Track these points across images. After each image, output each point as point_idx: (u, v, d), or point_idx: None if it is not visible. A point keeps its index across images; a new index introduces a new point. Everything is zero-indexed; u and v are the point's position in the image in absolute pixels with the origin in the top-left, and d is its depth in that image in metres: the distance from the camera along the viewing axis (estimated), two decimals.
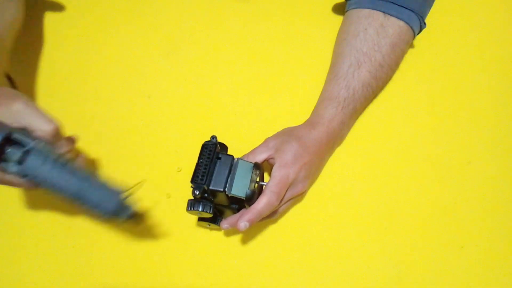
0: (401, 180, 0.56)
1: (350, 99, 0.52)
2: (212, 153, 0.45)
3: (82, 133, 0.58)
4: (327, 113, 0.52)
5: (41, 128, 0.39)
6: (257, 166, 0.47)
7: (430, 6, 0.56)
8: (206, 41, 0.63)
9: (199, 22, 0.64)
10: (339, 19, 0.60)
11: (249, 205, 0.46)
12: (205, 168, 0.44)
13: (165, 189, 0.55)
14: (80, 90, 0.60)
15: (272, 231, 0.54)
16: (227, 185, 0.45)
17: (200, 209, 0.45)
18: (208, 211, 0.46)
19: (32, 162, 0.37)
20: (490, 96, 0.60)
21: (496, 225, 0.54)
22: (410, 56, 0.61)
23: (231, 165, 0.46)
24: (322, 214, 0.54)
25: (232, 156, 0.46)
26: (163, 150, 0.57)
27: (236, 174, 0.45)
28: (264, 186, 0.47)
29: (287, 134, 0.51)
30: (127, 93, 0.60)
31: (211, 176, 0.45)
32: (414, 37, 0.56)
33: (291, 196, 0.48)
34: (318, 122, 0.52)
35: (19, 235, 0.54)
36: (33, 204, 0.55)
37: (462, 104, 0.59)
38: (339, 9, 0.63)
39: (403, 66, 0.60)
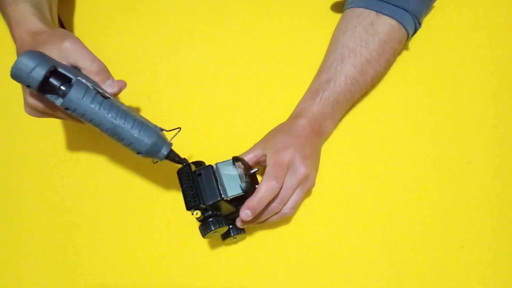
0: (401, 180, 0.56)
1: (330, 91, 0.52)
2: (190, 174, 0.45)
3: (83, 133, 0.58)
4: (305, 104, 0.53)
5: (86, 66, 0.42)
6: (235, 159, 0.47)
7: (427, 6, 0.56)
8: (206, 41, 0.63)
9: (199, 22, 0.64)
10: (339, 18, 0.60)
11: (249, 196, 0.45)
12: (192, 190, 0.44)
13: (165, 189, 0.55)
14: None
15: (272, 231, 0.54)
16: (221, 192, 0.44)
17: (213, 228, 0.45)
18: (223, 225, 0.45)
19: (73, 95, 0.39)
20: (490, 96, 0.60)
21: (496, 225, 0.54)
22: (410, 56, 0.61)
23: (214, 173, 0.45)
24: (322, 214, 0.54)
25: (210, 165, 0.46)
26: None
27: (222, 177, 0.45)
28: (256, 172, 0.47)
29: (271, 132, 0.52)
30: (127, 93, 0.60)
31: (201, 193, 0.44)
32: (408, 36, 0.56)
33: (297, 182, 0.47)
34: (297, 114, 0.53)
35: (19, 235, 0.54)
36: (33, 204, 0.55)
37: (462, 104, 0.59)
38: (339, 8, 0.63)
39: (403, 66, 0.60)
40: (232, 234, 0.48)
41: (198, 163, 0.48)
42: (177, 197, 0.55)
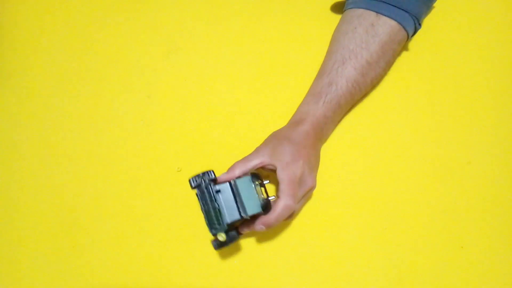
0: (401, 180, 0.56)
1: (332, 94, 0.52)
2: (210, 191, 0.44)
3: (83, 133, 0.58)
4: (308, 108, 0.53)
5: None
6: (254, 176, 0.47)
7: (427, 7, 0.56)
8: (206, 41, 0.63)
9: (199, 22, 0.64)
10: (338, 19, 0.60)
11: (266, 213, 0.46)
12: (214, 212, 0.44)
13: (165, 189, 0.55)
14: (80, 90, 0.60)
15: (271, 232, 0.54)
16: (241, 210, 0.44)
17: (229, 244, 0.45)
18: (237, 239, 0.46)
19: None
20: (490, 96, 0.60)
21: (496, 225, 0.54)
22: (410, 56, 0.61)
23: (232, 189, 0.45)
24: (322, 214, 0.54)
25: (229, 182, 0.45)
26: (163, 150, 0.57)
27: (241, 195, 0.44)
28: (266, 184, 0.48)
29: (276, 138, 0.51)
30: (127, 93, 0.60)
31: (221, 212, 0.44)
32: (408, 37, 0.56)
33: (304, 193, 0.48)
34: (301, 119, 0.52)
35: (19, 235, 0.54)
36: (33, 204, 0.55)
37: (462, 104, 0.59)
38: (339, 9, 0.63)
39: (403, 66, 0.60)
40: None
41: (208, 173, 0.48)
42: (177, 197, 0.55)
